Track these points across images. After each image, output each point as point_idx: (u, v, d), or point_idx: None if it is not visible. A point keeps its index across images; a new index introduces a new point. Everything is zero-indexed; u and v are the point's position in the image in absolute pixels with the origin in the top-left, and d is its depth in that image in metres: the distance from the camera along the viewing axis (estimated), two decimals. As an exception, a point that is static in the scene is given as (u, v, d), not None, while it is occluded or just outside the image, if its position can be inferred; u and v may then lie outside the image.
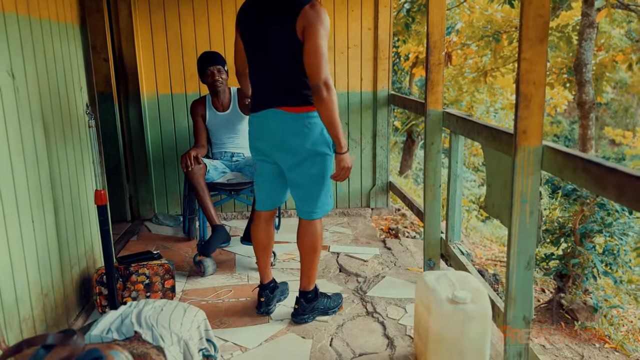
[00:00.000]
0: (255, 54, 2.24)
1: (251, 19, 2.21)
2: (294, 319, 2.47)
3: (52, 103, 2.25)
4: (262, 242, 2.51)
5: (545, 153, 1.68)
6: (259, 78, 2.27)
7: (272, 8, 2.14)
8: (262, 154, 2.35)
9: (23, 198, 1.96)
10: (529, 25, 1.61)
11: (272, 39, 2.15)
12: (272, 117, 2.21)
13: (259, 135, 2.31)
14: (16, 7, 1.96)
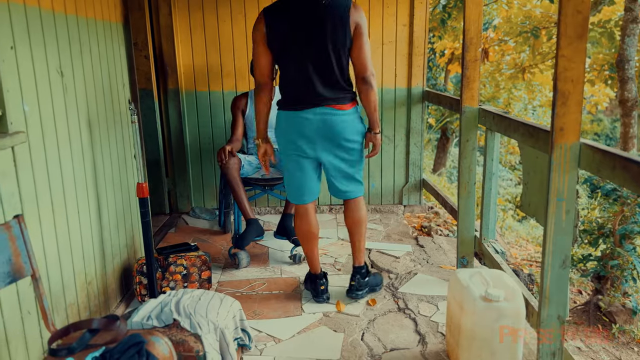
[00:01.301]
0: (300, 56, 2.29)
1: (295, 23, 2.26)
2: (351, 294, 2.63)
3: (97, 99, 2.35)
4: (314, 233, 2.60)
5: (583, 151, 1.66)
6: (302, 80, 2.33)
7: (320, 11, 2.23)
8: (302, 150, 2.43)
9: (70, 191, 2.06)
10: (568, 22, 1.59)
11: (325, 40, 2.26)
12: (322, 115, 2.35)
13: (303, 132, 2.38)
14: (65, 6, 2.06)
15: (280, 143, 2.50)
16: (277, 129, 2.48)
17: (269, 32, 2.30)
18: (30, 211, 1.76)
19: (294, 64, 2.32)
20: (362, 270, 2.65)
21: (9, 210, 1.62)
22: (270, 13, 2.31)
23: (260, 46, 2.34)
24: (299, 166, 2.49)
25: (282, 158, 2.55)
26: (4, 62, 1.63)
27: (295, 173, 2.51)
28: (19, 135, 1.66)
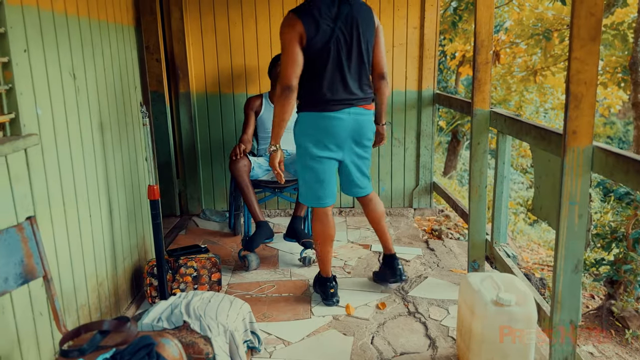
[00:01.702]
0: (338, 56, 2.33)
1: (332, 24, 2.29)
2: (401, 278, 2.76)
3: (109, 102, 2.37)
4: (333, 235, 2.60)
5: (596, 154, 1.64)
6: (338, 79, 2.36)
7: (352, 12, 2.31)
8: (330, 151, 2.44)
9: (81, 192, 2.08)
10: (581, 24, 1.58)
11: (360, 39, 2.34)
12: (355, 115, 2.42)
13: (335, 133, 2.41)
14: (77, 9, 2.08)
15: (303, 145, 2.46)
16: (301, 131, 2.46)
17: (306, 33, 2.28)
18: (43, 213, 1.77)
19: (331, 64, 2.33)
20: (396, 257, 2.79)
21: (21, 211, 1.64)
22: (304, 14, 2.29)
23: (296, 47, 2.29)
24: (324, 168, 2.48)
25: (302, 161, 2.51)
26: (18, 65, 1.65)
27: (320, 176, 2.49)
28: (32, 137, 1.68)
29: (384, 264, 2.83)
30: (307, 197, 2.58)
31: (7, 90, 1.63)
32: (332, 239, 2.61)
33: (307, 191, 2.56)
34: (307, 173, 2.52)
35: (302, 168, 2.53)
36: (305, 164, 2.50)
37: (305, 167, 2.51)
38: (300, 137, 2.47)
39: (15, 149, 1.59)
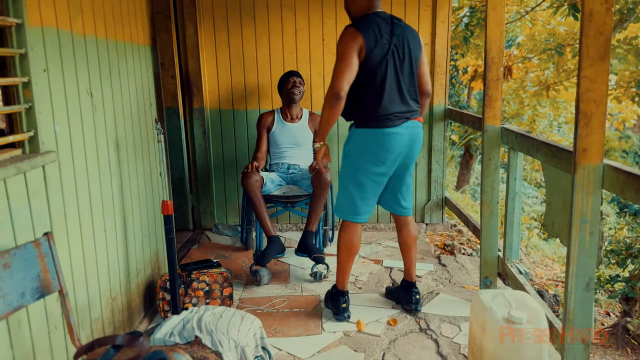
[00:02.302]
0: (395, 71, 2.38)
1: (390, 40, 2.35)
2: (417, 307, 2.71)
3: (125, 118, 2.42)
4: (359, 247, 2.62)
5: (607, 172, 1.64)
6: (396, 93, 2.40)
7: (404, 34, 2.40)
8: (386, 167, 2.46)
9: (97, 208, 2.12)
10: (590, 43, 1.59)
11: (411, 55, 2.42)
12: (412, 129, 2.46)
13: (393, 149, 2.42)
14: (95, 30, 2.13)
15: (357, 161, 2.46)
16: (358, 147, 2.45)
17: (365, 45, 2.32)
18: (59, 228, 1.81)
19: (389, 77, 2.37)
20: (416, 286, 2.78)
21: (38, 227, 1.68)
22: (364, 29, 2.33)
23: (354, 57, 2.31)
24: (374, 185, 2.49)
25: (352, 174, 2.49)
26: (37, 84, 1.70)
27: (367, 192, 2.50)
28: (50, 154, 1.72)
29: (401, 287, 2.82)
30: (345, 210, 2.56)
31: (27, 108, 1.68)
32: (357, 252, 2.62)
33: (347, 205, 2.54)
34: (353, 187, 2.50)
35: (349, 181, 2.51)
36: (355, 179, 2.48)
37: (353, 181, 2.49)
38: (355, 153, 2.46)
39: (33, 166, 1.63)
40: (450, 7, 3.84)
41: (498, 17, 2.49)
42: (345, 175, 2.53)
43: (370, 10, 2.42)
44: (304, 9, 3.80)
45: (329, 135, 3.92)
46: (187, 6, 3.71)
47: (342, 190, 2.57)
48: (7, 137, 1.59)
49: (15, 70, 1.64)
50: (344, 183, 2.54)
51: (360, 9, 2.43)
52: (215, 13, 3.81)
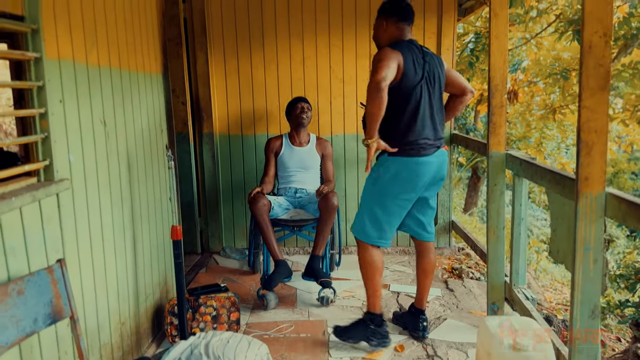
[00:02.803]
0: (428, 99, 2.41)
1: (422, 65, 2.38)
2: (426, 334, 2.70)
3: (137, 145, 2.48)
4: (383, 266, 2.60)
5: (609, 200, 1.67)
6: (429, 121, 2.42)
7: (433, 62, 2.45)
8: (415, 193, 2.47)
9: (108, 233, 2.16)
10: (590, 74, 1.63)
11: (440, 82, 2.48)
12: (441, 157, 2.50)
13: (424, 177, 2.43)
14: (109, 61, 2.21)
15: (386, 187, 2.44)
16: (390, 175, 2.43)
17: (404, 65, 2.32)
18: (71, 254, 1.86)
19: (423, 104, 2.39)
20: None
21: (51, 253, 1.72)
22: (403, 50, 2.34)
23: (395, 63, 2.27)
24: (401, 210, 2.50)
25: (379, 199, 2.48)
26: (53, 115, 1.76)
27: (393, 217, 2.50)
28: (64, 182, 1.78)
29: (409, 312, 2.81)
30: (368, 234, 2.52)
31: (43, 138, 1.73)
32: (382, 271, 2.59)
33: (373, 229, 2.51)
34: (380, 212, 2.48)
35: (375, 206, 2.49)
36: (383, 203, 2.47)
37: (380, 206, 2.48)
38: (386, 179, 2.44)
39: (48, 194, 1.68)
40: (455, 34, 3.91)
41: (501, 46, 2.54)
42: (372, 199, 2.50)
43: (402, 38, 2.45)
44: (312, 37, 3.89)
45: (336, 152, 3.97)
46: (198, 34, 3.81)
47: (367, 214, 2.53)
48: (23, 167, 1.64)
49: (33, 102, 1.71)
50: (369, 206, 2.51)
51: (391, 38, 2.46)
52: (225, 41, 3.91)
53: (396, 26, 2.46)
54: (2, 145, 1.62)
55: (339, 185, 4.04)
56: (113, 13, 2.23)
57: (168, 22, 3.49)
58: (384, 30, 2.49)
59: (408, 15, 2.48)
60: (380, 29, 2.51)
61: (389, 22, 2.47)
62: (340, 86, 3.96)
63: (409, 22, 2.48)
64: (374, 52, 3.81)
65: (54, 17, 1.77)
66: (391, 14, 2.47)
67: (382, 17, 2.49)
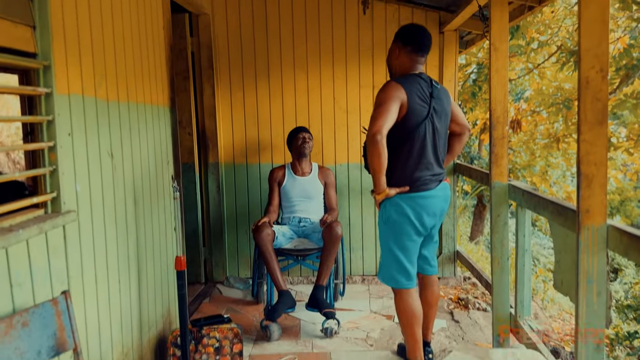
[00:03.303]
0: (432, 134, 2.38)
1: (429, 101, 2.35)
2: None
3: (143, 176, 2.51)
4: (421, 313, 2.51)
5: (611, 233, 1.67)
6: (432, 155, 2.41)
7: (440, 96, 2.42)
8: (425, 229, 2.44)
9: (112, 264, 2.18)
10: (587, 109, 1.65)
11: (447, 117, 2.47)
12: (445, 191, 2.49)
13: (432, 212, 2.42)
14: (117, 95, 2.26)
15: (399, 227, 2.39)
16: (399, 213, 2.38)
17: (408, 102, 2.29)
18: (76, 285, 1.87)
19: (428, 141, 2.37)
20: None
21: (56, 284, 1.73)
22: (407, 85, 2.31)
23: (395, 107, 2.24)
24: (416, 247, 2.46)
25: (396, 241, 2.43)
26: (62, 147, 1.80)
27: (412, 255, 2.45)
28: (71, 214, 1.80)
29: None
30: (397, 279, 2.45)
31: (51, 171, 1.77)
32: (421, 319, 2.50)
33: (399, 272, 2.45)
34: (400, 253, 2.43)
35: (395, 248, 2.43)
36: (400, 244, 2.42)
37: (398, 247, 2.42)
38: (396, 218, 2.39)
39: (54, 225, 1.71)
40: (457, 66, 3.97)
41: (501, 79, 2.59)
42: (389, 240, 2.44)
43: (412, 71, 2.42)
44: (316, 69, 3.96)
45: (340, 181, 3.99)
46: (205, 68, 3.89)
47: (389, 258, 2.46)
48: (31, 199, 1.68)
49: (42, 135, 1.75)
50: (389, 248, 2.45)
51: (402, 68, 2.44)
52: (231, 73, 3.99)
53: (409, 56, 2.41)
54: (12, 178, 1.66)
55: (343, 214, 4.05)
56: (122, 48, 2.30)
57: (176, 56, 3.58)
58: (396, 57, 2.45)
59: (423, 47, 2.41)
60: (393, 55, 2.47)
61: (403, 51, 2.42)
62: (344, 116, 4.01)
63: (423, 53, 2.42)
64: (377, 82, 3.92)
65: (65, 54, 1.83)
66: (406, 42, 2.41)
67: (397, 44, 2.44)
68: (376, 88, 3.95)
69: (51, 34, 1.73)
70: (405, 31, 2.44)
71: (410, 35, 2.42)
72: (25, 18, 1.65)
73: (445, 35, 3.88)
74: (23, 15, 1.65)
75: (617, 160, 8.31)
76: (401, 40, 2.43)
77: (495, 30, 2.58)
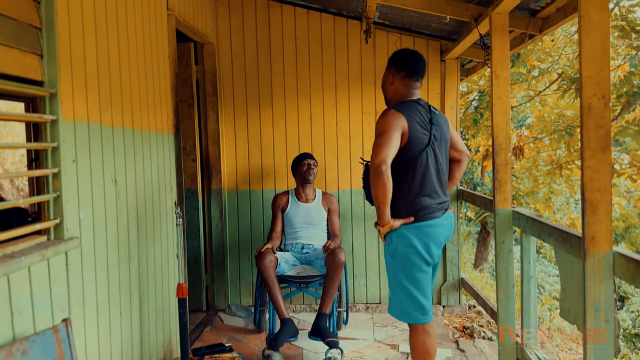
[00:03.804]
0: (435, 162, 2.33)
1: (429, 128, 2.30)
2: None
3: (146, 203, 2.51)
4: (436, 349, 2.38)
5: (617, 260, 1.65)
6: (436, 183, 2.35)
7: (440, 123, 2.37)
8: (433, 259, 2.35)
9: (114, 292, 2.16)
10: (590, 135, 1.66)
11: (447, 144, 2.43)
12: (451, 220, 2.42)
13: (439, 240, 2.35)
14: (122, 121, 2.28)
15: (409, 259, 2.30)
16: (407, 245, 2.30)
17: (409, 130, 2.24)
18: (77, 312, 1.85)
19: (430, 169, 2.31)
20: None
21: (57, 312, 1.72)
22: (407, 113, 2.26)
23: (397, 135, 2.19)
24: (427, 278, 2.34)
25: (407, 273, 2.32)
26: (66, 174, 1.81)
27: (424, 287, 2.33)
28: (73, 240, 1.80)
29: None
30: (411, 314, 2.33)
31: (55, 197, 1.77)
32: (436, 352, 2.37)
33: (412, 307, 2.32)
34: (412, 286, 2.31)
35: (405, 281, 2.32)
36: (411, 277, 2.31)
37: (409, 280, 2.31)
38: (404, 250, 2.30)
39: (57, 252, 1.70)
40: (458, 93, 4.00)
41: (503, 106, 2.60)
42: (398, 273, 2.34)
43: (408, 97, 2.37)
44: (319, 95, 4.00)
45: (343, 207, 3.98)
46: (210, 95, 3.94)
47: (400, 292, 2.35)
48: (34, 225, 1.67)
49: (47, 162, 1.76)
50: (399, 282, 2.34)
51: (397, 94, 2.39)
52: (235, 100, 4.03)
53: (403, 82, 2.37)
54: (15, 205, 1.66)
55: (346, 240, 4.03)
56: (128, 76, 2.33)
57: (181, 84, 3.63)
58: (390, 83, 2.41)
59: (418, 71, 2.37)
60: (387, 81, 2.43)
61: (397, 76, 2.38)
62: (346, 142, 4.03)
63: (417, 78, 2.37)
64: (379, 108, 3.94)
65: (72, 81, 1.86)
66: (399, 68, 2.37)
67: (391, 69, 2.40)
68: (378, 115, 3.97)
69: (58, 62, 1.76)
70: (398, 56, 2.40)
71: (404, 60, 2.38)
72: (33, 47, 1.68)
73: (446, 63, 3.93)
74: (31, 44, 1.68)
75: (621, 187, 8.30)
76: (395, 66, 2.39)
77: (496, 58, 2.61)
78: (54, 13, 1.73)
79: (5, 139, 5.70)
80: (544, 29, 2.83)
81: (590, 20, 1.64)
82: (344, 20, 3.96)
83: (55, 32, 1.74)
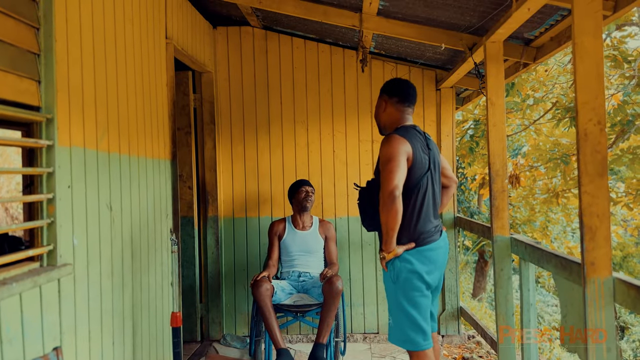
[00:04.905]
0: (432, 186, 2.35)
1: (427, 153, 2.35)
2: None
3: (141, 230, 2.49)
4: None
5: (617, 286, 1.64)
6: (432, 207, 2.37)
7: (433, 149, 2.42)
8: (431, 284, 2.34)
9: (107, 320, 2.11)
10: (587, 161, 1.66)
11: (439, 173, 2.45)
12: (446, 240, 2.45)
13: (439, 263, 2.37)
14: (119, 148, 2.28)
15: (410, 283, 2.28)
16: (408, 270, 2.28)
17: (413, 155, 2.26)
18: (68, 342, 1.81)
19: (429, 194, 2.33)
20: None
21: (48, 340, 1.67)
22: (409, 138, 2.29)
23: (404, 161, 2.22)
24: (428, 302, 2.33)
25: (408, 297, 2.29)
26: (61, 200, 1.79)
27: (424, 312, 2.30)
28: (66, 267, 1.77)
29: None
30: (414, 340, 2.28)
31: (49, 223, 1.75)
32: None
33: (415, 333, 2.28)
34: (414, 311, 2.28)
35: (408, 307, 2.28)
36: (413, 302, 2.28)
37: (411, 306, 2.28)
38: (405, 275, 2.28)
39: (49, 279, 1.67)
40: (454, 121, 4.04)
41: (499, 133, 2.62)
42: (401, 300, 2.30)
43: (403, 122, 2.41)
44: (316, 123, 4.03)
45: (340, 235, 3.96)
46: (207, 123, 3.95)
47: (402, 319, 2.30)
48: (27, 252, 1.65)
49: (42, 187, 1.75)
50: (402, 309, 2.29)
51: (391, 121, 2.44)
52: (232, 128, 4.05)
53: (396, 107, 2.43)
54: (8, 230, 1.64)
55: (343, 268, 3.99)
56: (125, 103, 2.34)
57: (179, 112, 3.64)
58: (383, 110, 2.47)
59: (409, 96, 2.43)
60: (380, 109, 2.48)
61: (389, 102, 2.44)
62: (343, 169, 4.04)
63: (409, 104, 2.44)
64: (376, 136, 3.96)
65: (69, 107, 1.86)
66: (391, 94, 2.44)
67: (384, 97, 2.47)
68: (375, 142, 4.00)
69: (56, 88, 1.76)
70: (389, 84, 2.49)
71: (395, 87, 2.46)
72: (31, 72, 1.69)
73: (442, 92, 3.97)
74: (29, 69, 1.68)
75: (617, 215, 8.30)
76: (387, 93, 2.46)
77: (491, 86, 2.64)
78: (52, 40, 1.75)
79: (1, 166, 5.68)
80: (538, 57, 2.87)
81: (584, 48, 1.66)
82: (340, 50, 4.02)
83: (54, 58, 1.75)
